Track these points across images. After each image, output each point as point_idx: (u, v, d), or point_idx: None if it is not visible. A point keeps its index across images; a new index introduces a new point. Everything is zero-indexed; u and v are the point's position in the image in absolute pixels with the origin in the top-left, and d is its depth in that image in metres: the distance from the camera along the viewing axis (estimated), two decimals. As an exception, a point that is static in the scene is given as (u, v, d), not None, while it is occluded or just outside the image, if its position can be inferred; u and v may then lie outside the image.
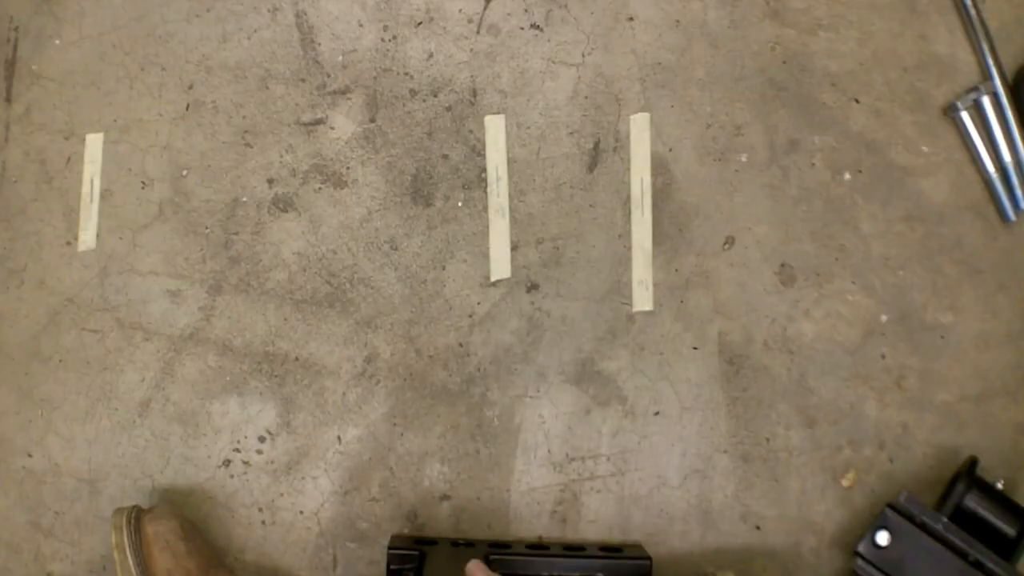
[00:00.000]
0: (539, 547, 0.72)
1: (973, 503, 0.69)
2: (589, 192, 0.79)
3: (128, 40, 0.83)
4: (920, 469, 0.75)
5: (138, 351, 0.79)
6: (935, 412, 0.76)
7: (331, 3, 0.82)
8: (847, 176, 0.78)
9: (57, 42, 0.83)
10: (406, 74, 0.81)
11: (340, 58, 0.81)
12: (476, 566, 0.62)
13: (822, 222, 0.78)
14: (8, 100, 0.83)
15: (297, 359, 0.78)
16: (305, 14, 0.82)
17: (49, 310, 0.80)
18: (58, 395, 0.79)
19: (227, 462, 0.77)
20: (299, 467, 0.77)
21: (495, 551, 0.70)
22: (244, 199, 0.80)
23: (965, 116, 0.77)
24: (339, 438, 0.77)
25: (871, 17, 0.79)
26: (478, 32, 0.81)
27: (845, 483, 0.75)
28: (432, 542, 0.72)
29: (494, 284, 0.78)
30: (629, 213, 0.78)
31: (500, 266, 0.78)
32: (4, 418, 0.79)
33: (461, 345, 0.77)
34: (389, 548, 0.69)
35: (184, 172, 0.81)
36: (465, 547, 0.71)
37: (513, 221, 0.78)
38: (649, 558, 0.69)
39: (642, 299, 0.77)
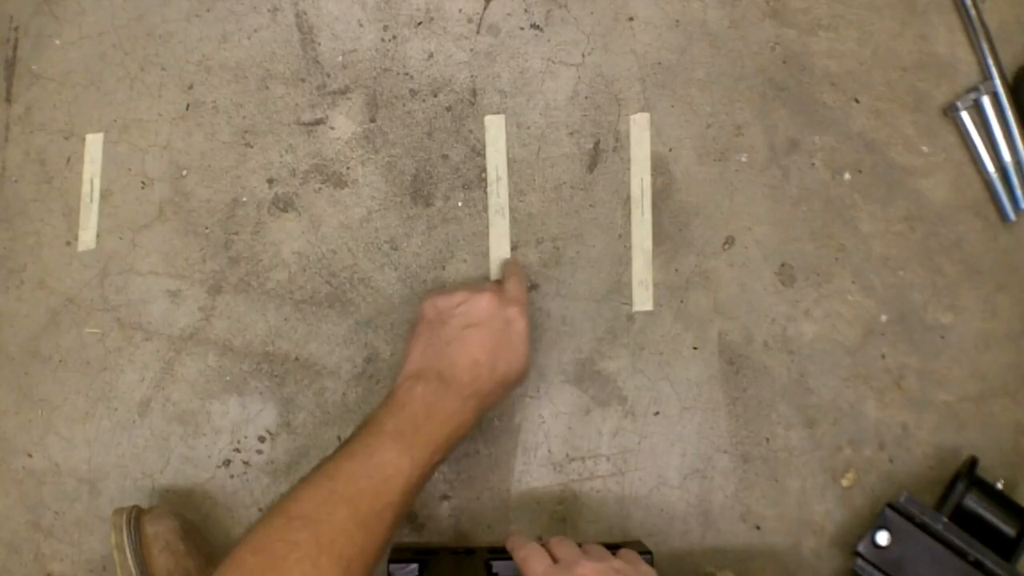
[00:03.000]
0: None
1: (973, 503, 0.69)
2: (589, 192, 0.79)
3: (128, 40, 0.83)
4: (920, 469, 0.75)
5: (138, 351, 0.79)
6: (935, 412, 0.76)
7: (331, 3, 0.82)
8: (847, 176, 0.78)
9: (57, 42, 0.83)
10: (406, 74, 0.81)
11: (340, 58, 0.81)
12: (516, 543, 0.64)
13: (822, 222, 0.78)
14: (8, 100, 0.83)
15: (297, 359, 0.78)
16: (305, 14, 0.82)
17: (49, 310, 0.80)
18: (58, 395, 0.79)
19: (227, 462, 0.78)
20: (299, 467, 0.77)
21: (495, 556, 0.70)
22: (244, 199, 0.80)
23: (965, 116, 0.77)
24: (339, 438, 0.77)
25: (871, 17, 0.79)
26: (478, 32, 0.81)
27: (845, 483, 0.75)
28: (433, 552, 0.72)
29: (494, 284, 0.78)
30: (629, 213, 0.78)
31: (500, 266, 0.78)
32: (4, 418, 0.79)
33: (461, 345, 0.77)
34: (390, 560, 0.69)
35: (184, 172, 0.81)
36: (465, 555, 0.71)
37: (513, 221, 0.78)
38: (649, 552, 0.69)
39: (642, 299, 0.77)
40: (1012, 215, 0.77)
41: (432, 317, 0.67)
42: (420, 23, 0.81)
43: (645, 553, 0.69)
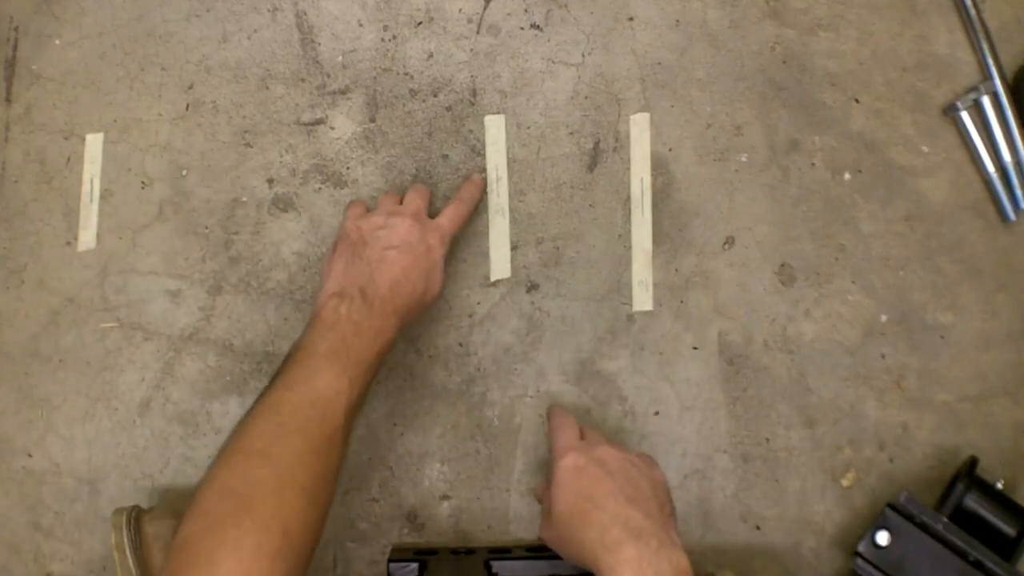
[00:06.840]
0: (538, 548, 0.72)
1: (973, 503, 0.69)
2: (589, 192, 0.79)
3: (128, 40, 0.83)
4: (920, 469, 0.75)
5: (138, 351, 0.79)
6: (935, 412, 0.76)
7: (331, 3, 0.82)
8: (847, 176, 0.78)
9: (57, 42, 0.83)
10: (406, 74, 0.81)
11: (340, 58, 0.81)
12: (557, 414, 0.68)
13: (822, 222, 0.78)
14: (8, 100, 0.83)
15: (297, 359, 0.78)
16: (305, 14, 0.82)
17: (49, 310, 0.80)
18: (58, 395, 0.79)
19: (227, 462, 0.77)
20: (299, 467, 0.77)
21: (495, 556, 0.70)
22: (244, 199, 0.80)
23: (965, 116, 0.77)
24: (339, 438, 0.77)
25: (871, 17, 0.79)
26: (478, 32, 0.81)
27: (845, 483, 0.75)
28: (432, 552, 0.72)
29: (494, 284, 0.78)
30: (629, 213, 0.78)
31: (500, 266, 0.78)
32: (4, 418, 0.79)
33: (461, 345, 0.77)
34: (389, 560, 0.70)
35: (184, 172, 0.81)
36: (465, 555, 0.71)
37: (513, 221, 0.78)
38: None
39: (642, 299, 0.77)
40: (1012, 215, 0.77)
41: (355, 238, 0.69)
42: (420, 23, 0.81)
43: None
